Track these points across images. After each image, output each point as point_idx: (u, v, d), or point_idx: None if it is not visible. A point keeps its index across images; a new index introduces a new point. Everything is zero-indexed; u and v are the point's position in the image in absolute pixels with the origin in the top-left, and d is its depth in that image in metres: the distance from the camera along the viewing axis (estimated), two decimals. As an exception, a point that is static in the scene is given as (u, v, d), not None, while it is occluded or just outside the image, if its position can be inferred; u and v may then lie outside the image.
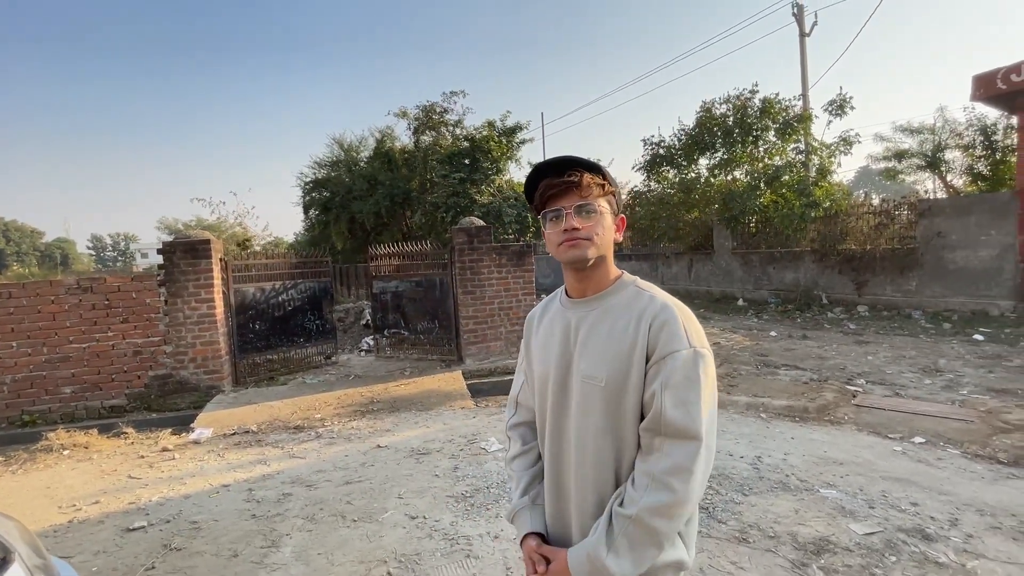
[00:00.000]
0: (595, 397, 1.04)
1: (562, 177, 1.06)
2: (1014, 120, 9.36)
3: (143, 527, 3.11)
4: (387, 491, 3.42)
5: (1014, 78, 8.01)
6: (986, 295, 8.50)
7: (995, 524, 2.68)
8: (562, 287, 1.23)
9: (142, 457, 4.41)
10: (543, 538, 1.13)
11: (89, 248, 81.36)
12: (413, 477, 3.63)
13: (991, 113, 11.23)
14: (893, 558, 2.43)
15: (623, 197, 1.23)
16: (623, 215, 1.16)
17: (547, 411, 1.15)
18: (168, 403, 5.91)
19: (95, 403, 5.78)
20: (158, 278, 6.01)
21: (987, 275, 8.49)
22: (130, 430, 5.02)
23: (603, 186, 1.08)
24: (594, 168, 1.08)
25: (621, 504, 1.00)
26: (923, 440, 3.85)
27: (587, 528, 1.05)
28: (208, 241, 6.14)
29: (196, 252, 6.04)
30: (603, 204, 1.08)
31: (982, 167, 12.17)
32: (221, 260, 6.41)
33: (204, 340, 6.04)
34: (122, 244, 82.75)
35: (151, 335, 5.93)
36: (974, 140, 12.20)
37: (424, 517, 3.04)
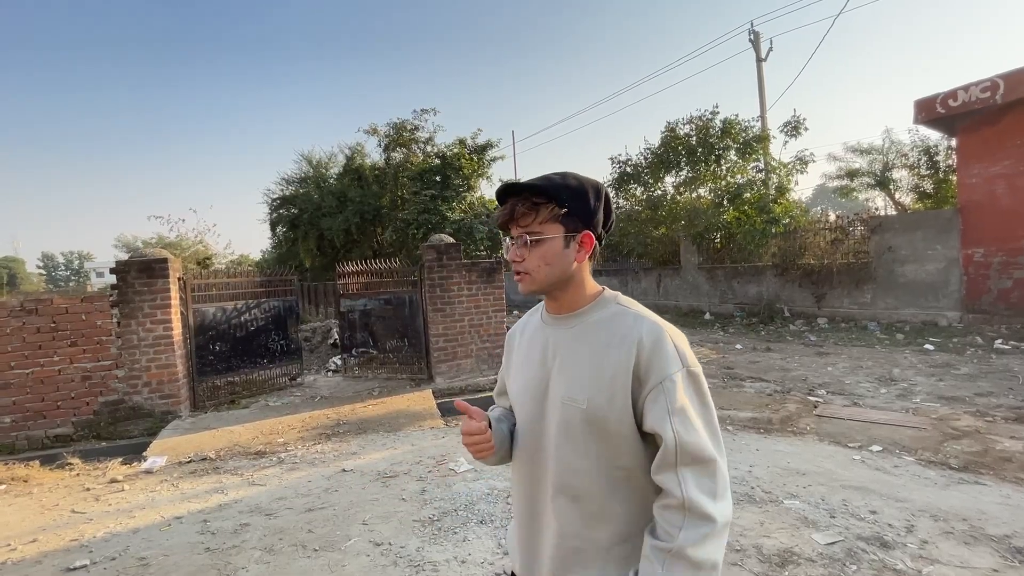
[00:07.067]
0: (576, 419, 1.00)
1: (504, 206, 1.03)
2: (953, 142, 9.97)
3: (85, 566, 2.91)
4: (351, 517, 3.30)
5: (951, 103, 8.57)
6: (934, 306, 8.93)
7: (948, 529, 2.76)
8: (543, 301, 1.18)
9: (88, 490, 4.15)
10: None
11: (40, 267, 77.35)
12: (379, 502, 3.52)
13: (932, 135, 11.98)
14: (854, 567, 2.48)
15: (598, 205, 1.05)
16: (589, 232, 1.03)
17: (522, 430, 1.11)
18: (119, 430, 5.60)
19: (38, 432, 5.42)
20: (111, 299, 5.74)
21: (935, 287, 8.94)
22: (76, 460, 4.72)
23: (550, 208, 1.00)
24: (541, 190, 1.00)
25: (657, 538, 0.92)
26: (880, 448, 3.98)
27: (565, 552, 1.01)
28: (165, 260, 5.91)
29: (152, 271, 5.81)
30: (550, 229, 1.00)
31: (927, 186, 12.91)
32: (180, 279, 6.19)
33: (160, 363, 5.78)
34: (76, 263, 79.09)
35: (102, 359, 5.64)
36: (918, 160, 12.95)
37: (389, 543, 2.95)
